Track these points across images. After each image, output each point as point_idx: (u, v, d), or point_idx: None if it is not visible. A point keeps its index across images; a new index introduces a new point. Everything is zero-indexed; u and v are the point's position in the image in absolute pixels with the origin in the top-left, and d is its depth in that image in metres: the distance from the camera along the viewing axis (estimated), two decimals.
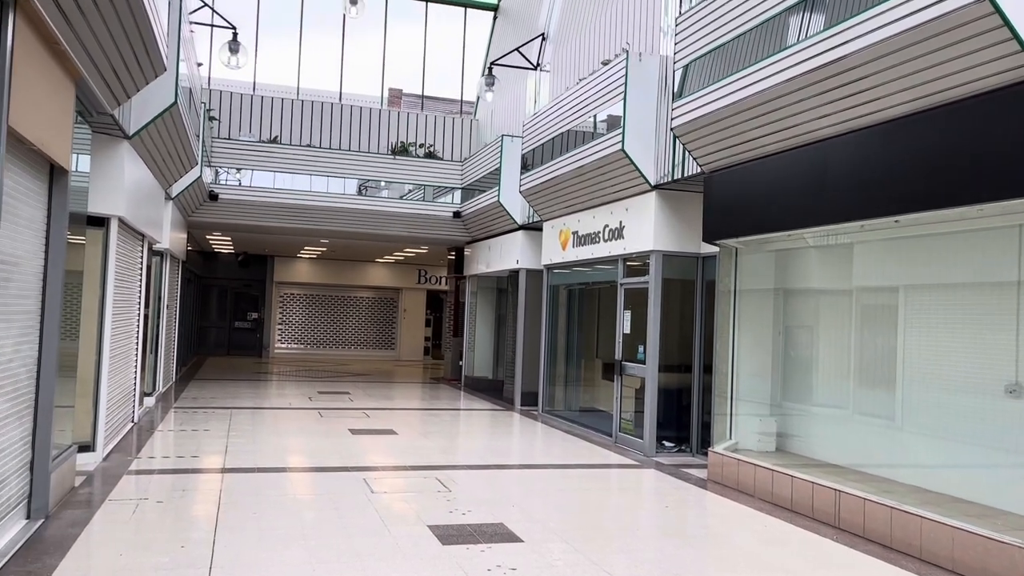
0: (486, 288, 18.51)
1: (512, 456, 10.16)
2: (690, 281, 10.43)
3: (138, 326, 10.43)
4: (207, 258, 26.06)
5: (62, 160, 5.80)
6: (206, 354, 25.63)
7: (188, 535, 5.71)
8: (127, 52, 6.23)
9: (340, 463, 8.65)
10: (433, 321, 28.67)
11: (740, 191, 8.26)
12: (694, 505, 7.63)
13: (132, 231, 9.42)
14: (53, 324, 5.95)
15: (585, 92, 11.31)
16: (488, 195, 15.81)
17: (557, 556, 5.58)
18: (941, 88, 5.72)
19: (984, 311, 6.67)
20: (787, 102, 7.07)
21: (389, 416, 12.80)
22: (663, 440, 10.24)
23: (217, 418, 11.60)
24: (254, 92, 18.72)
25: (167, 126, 8.96)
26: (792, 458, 8.45)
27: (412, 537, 5.88)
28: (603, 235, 11.43)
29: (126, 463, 8.16)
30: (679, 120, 8.66)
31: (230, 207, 16.68)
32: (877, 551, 6.08)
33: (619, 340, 11.00)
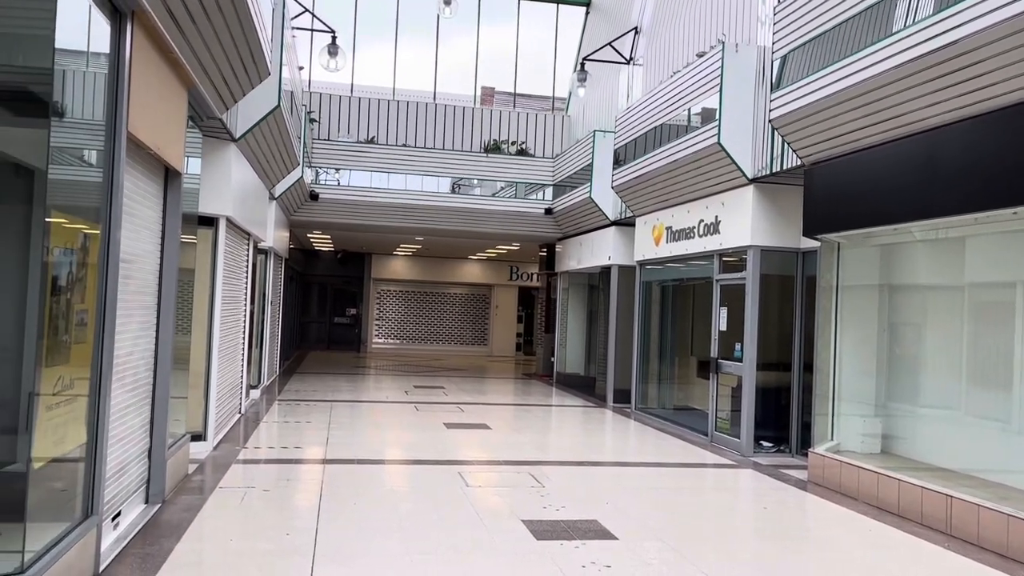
0: (578, 284, 18.47)
1: (605, 453, 10.12)
2: (789, 277, 10.14)
3: (244, 321, 10.88)
4: (308, 256, 26.93)
5: (176, 163, 6.11)
6: (307, 349, 26.51)
7: (292, 523, 5.92)
8: (235, 59, 6.51)
9: (436, 456, 8.81)
10: (525, 317, 28.82)
11: (843, 184, 7.98)
12: (794, 507, 7.43)
13: (239, 230, 9.84)
14: (168, 319, 6.28)
15: (680, 85, 11.14)
16: (580, 191, 15.77)
17: (652, 555, 5.54)
18: None
19: None
20: (894, 90, 6.79)
21: (482, 411, 12.94)
22: (761, 440, 10.00)
23: (318, 410, 11.98)
24: (352, 94, 19.22)
25: (271, 129, 9.31)
26: (898, 461, 8.12)
27: (506, 531, 5.94)
28: (698, 230, 11.23)
29: (234, 452, 8.53)
30: (778, 111, 8.43)
31: (329, 206, 17.19)
32: (993, 560, 5.78)
33: (715, 337, 10.80)
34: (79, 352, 4.43)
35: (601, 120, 17.22)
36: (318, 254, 27.32)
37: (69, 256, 4.27)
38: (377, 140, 18.52)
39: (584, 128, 18.43)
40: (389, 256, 27.20)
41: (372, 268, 27.26)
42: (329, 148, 17.32)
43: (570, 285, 18.49)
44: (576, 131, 19.39)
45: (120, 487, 5.43)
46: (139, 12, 4.80)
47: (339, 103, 18.77)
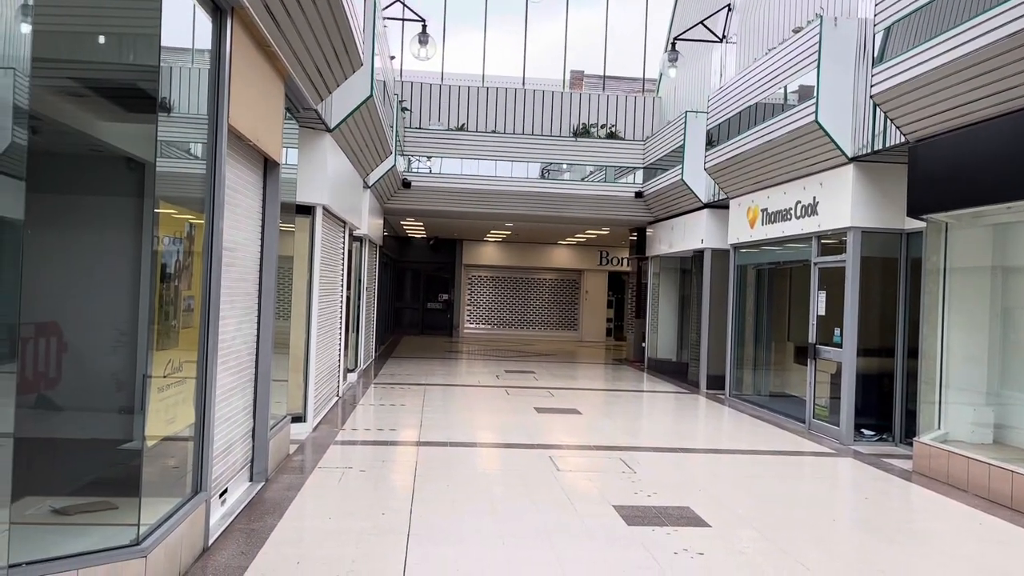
0: (669, 269, 18.21)
1: (697, 440, 9.97)
2: (892, 259, 9.72)
3: (341, 307, 11.19)
4: (401, 243, 27.46)
5: (274, 154, 6.32)
6: (401, 333, 27.07)
7: (388, 503, 6.08)
8: (328, 50, 6.67)
9: (526, 440, 8.88)
10: (615, 302, 28.62)
11: (950, 161, 7.58)
12: (897, 498, 7.15)
13: (334, 218, 10.10)
14: (269, 304, 6.52)
15: (775, 62, 10.79)
16: (671, 174, 15.51)
17: (746, 543, 5.43)
18: None
19: None
20: (1008, 60, 6.39)
21: (573, 396, 12.95)
22: (861, 428, 9.65)
23: (412, 394, 12.24)
24: (442, 82, 19.42)
25: (364, 118, 9.50)
26: (1013, 451, 7.71)
27: (597, 516, 5.94)
28: (795, 212, 10.89)
29: (333, 434, 8.81)
30: (880, 87, 8.06)
31: (421, 194, 17.46)
32: None
33: (813, 322, 10.47)
34: (187, 336, 4.65)
35: (693, 101, 16.87)
36: (411, 241, 27.82)
37: (176, 245, 4.48)
38: (467, 127, 18.68)
39: (675, 110, 18.09)
40: (480, 242, 27.46)
41: (463, 254, 27.58)
42: (420, 136, 17.57)
43: (661, 269, 18.25)
44: (667, 113, 19.05)
45: (226, 465, 5.69)
46: (238, 8, 4.97)
47: (430, 91, 19.00)
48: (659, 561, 4.97)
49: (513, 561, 4.88)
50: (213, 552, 4.84)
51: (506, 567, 4.77)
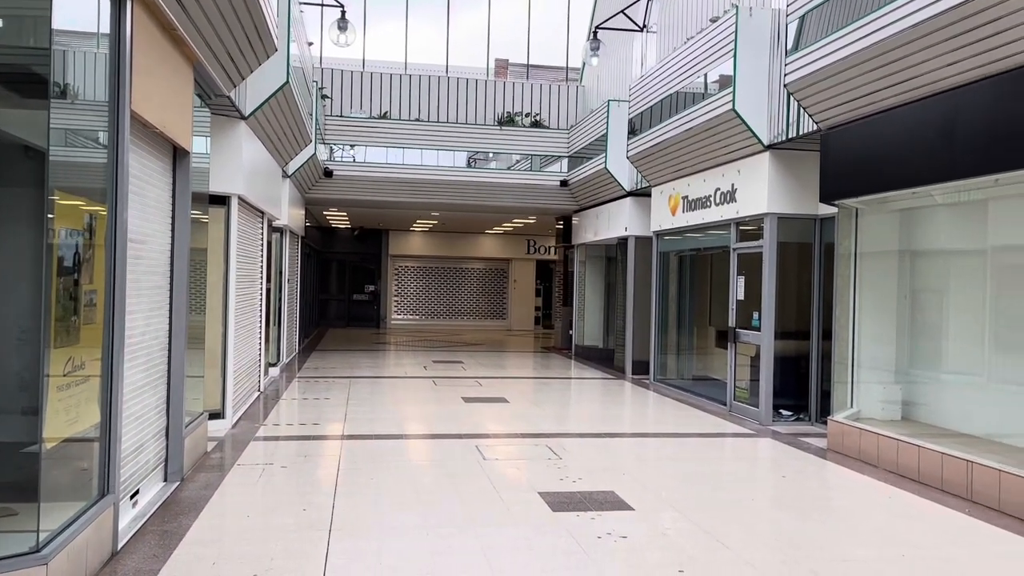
0: (595, 256, 18.38)
1: (623, 424, 10.10)
2: (807, 244, 10.01)
3: (261, 300, 10.92)
4: (325, 233, 27.00)
5: (184, 142, 6.09)
6: (327, 326, 26.66)
7: (310, 499, 5.96)
8: (240, 34, 6.46)
9: (453, 430, 8.83)
10: (543, 291, 28.78)
11: (860, 148, 7.82)
12: (813, 475, 7.38)
13: (252, 208, 9.84)
14: (181, 298, 6.30)
15: (693, 51, 10.95)
16: (595, 162, 15.63)
17: (669, 525, 5.52)
18: None
19: None
20: (912, 50, 6.62)
21: (501, 385, 12.96)
22: (780, 408, 9.93)
23: (337, 387, 12.05)
24: (364, 69, 19.11)
25: (281, 105, 9.26)
26: (919, 427, 8.04)
27: (523, 503, 5.94)
28: (714, 199, 11.10)
29: (253, 430, 8.60)
30: (793, 76, 8.26)
31: (344, 183, 17.17)
32: (1014, 525, 5.71)
33: (732, 307, 10.71)
34: (90, 333, 4.44)
35: (615, 90, 17.02)
36: (335, 231, 27.37)
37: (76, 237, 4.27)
38: (390, 115, 18.44)
39: (599, 98, 18.22)
40: (406, 232, 27.21)
41: (389, 244, 27.30)
42: (342, 124, 17.27)
43: (587, 257, 18.41)
44: (591, 101, 19.18)
45: (137, 466, 5.48)
46: None
47: (351, 79, 18.68)
48: (583, 546, 5.00)
49: (437, 552, 4.84)
50: (123, 556, 4.66)
51: (430, 558, 4.73)
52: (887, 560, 4.91)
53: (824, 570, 4.70)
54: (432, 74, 19.16)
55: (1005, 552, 5.17)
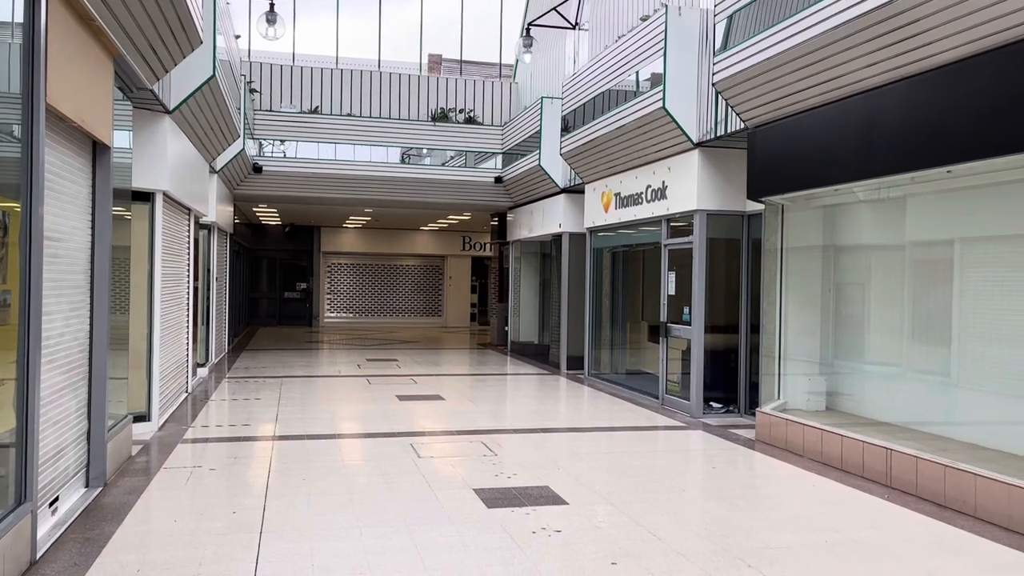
0: (530, 253, 18.46)
1: (558, 420, 10.17)
2: (735, 240, 10.24)
3: (188, 298, 10.64)
4: (255, 230, 26.45)
5: (103, 136, 5.88)
6: (258, 325, 26.14)
7: (240, 501, 5.84)
8: (162, 26, 6.27)
9: (388, 429, 8.77)
10: (479, 287, 28.78)
11: (785, 146, 8.04)
12: (742, 466, 7.56)
13: (178, 205, 9.57)
14: (102, 298, 6.09)
15: (624, 50, 11.08)
16: (529, 159, 15.69)
17: (602, 518, 5.58)
18: (995, 30, 5.45)
19: None
20: (833, 51, 6.83)
21: (436, 382, 12.91)
22: (710, 401, 10.15)
23: (268, 387, 11.83)
24: (294, 63, 18.78)
25: (207, 99, 9.03)
26: (842, 417, 8.31)
27: (458, 501, 5.94)
28: (646, 196, 11.26)
29: (180, 432, 8.38)
30: (721, 75, 8.44)
31: (274, 179, 16.85)
32: (929, 509, 5.96)
33: (664, 302, 10.89)
34: (4, 335, 4.26)
35: (549, 87, 17.11)
36: (265, 228, 26.84)
37: None
38: (321, 110, 18.17)
39: (532, 95, 18.30)
40: (339, 229, 26.86)
41: (322, 241, 26.91)
42: (272, 119, 16.93)
43: (522, 254, 18.47)
44: (524, 98, 19.24)
45: (57, 471, 5.28)
46: None
47: (281, 73, 18.33)
48: (517, 541, 5.02)
49: (370, 551, 4.80)
50: (42, 565, 4.48)
51: (363, 558, 4.68)
52: (810, 545, 5.07)
53: (751, 557, 4.82)
54: (364, 69, 18.95)
55: (920, 534, 5.39)
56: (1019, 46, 5.35)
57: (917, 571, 4.67)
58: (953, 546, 5.16)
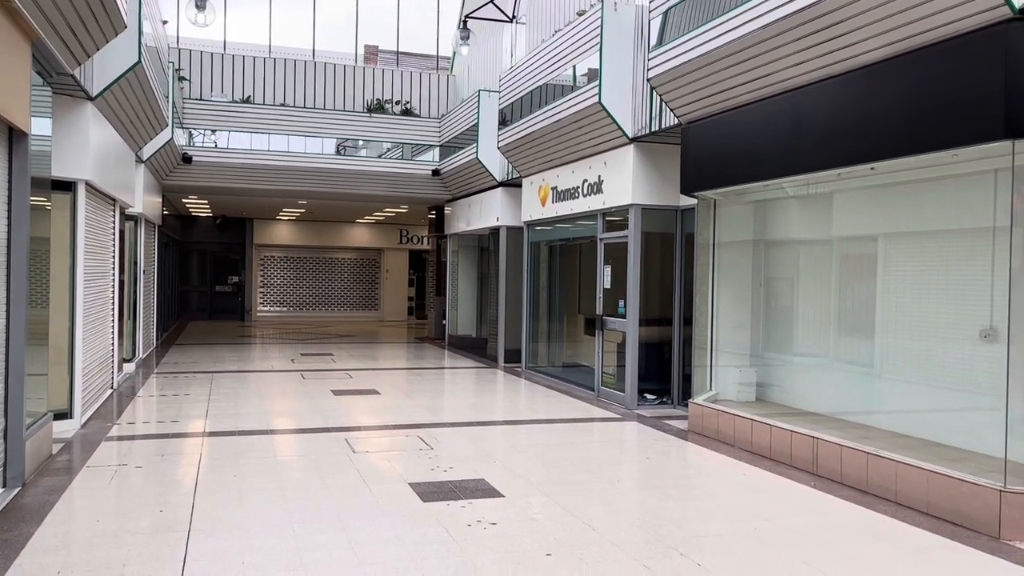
0: (468, 246, 18.42)
1: (495, 413, 10.18)
2: (670, 234, 10.39)
3: (114, 292, 10.30)
4: (185, 222, 25.77)
5: (20, 123, 5.64)
6: (188, 319, 25.48)
7: (167, 499, 5.68)
8: (84, 9, 6.03)
9: (322, 424, 8.64)
10: (416, 281, 28.60)
11: (717, 142, 8.18)
12: (675, 456, 7.69)
13: (101, 195, 9.25)
14: (20, 290, 5.84)
15: (561, 44, 11.13)
16: (466, 152, 15.64)
17: (537, 510, 5.61)
18: (916, 32, 5.63)
19: (960, 257, 6.68)
20: (763, 49, 6.97)
21: (372, 376, 12.79)
22: (644, 393, 10.29)
23: (198, 382, 11.54)
24: (225, 51, 18.32)
25: (132, 86, 8.74)
26: (772, 407, 8.52)
27: (393, 495, 5.89)
28: (582, 190, 11.34)
29: (105, 429, 8.11)
30: (655, 70, 8.54)
31: (205, 169, 16.43)
32: (853, 495, 6.15)
33: (600, 295, 10.99)
34: None
35: (486, 80, 17.06)
36: (196, 220, 26.16)
37: None
38: (254, 100, 17.76)
39: (469, 88, 18.22)
40: (272, 221, 26.34)
41: (254, 233, 26.36)
42: (202, 108, 16.50)
43: (460, 247, 18.42)
44: (462, 91, 19.15)
45: None
46: None
47: (211, 61, 17.86)
48: (453, 535, 5.01)
49: (303, 548, 4.72)
50: None
51: (295, 555, 4.61)
52: (740, 533, 5.18)
53: (683, 546, 4.90)
54: (298, 58, 18.59)
55: (844, 520, 5.56)
56: (940, 47, 5.55)
57: (840, 556, 4.82)
58: (875, 531, 5.34)
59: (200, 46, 18.02)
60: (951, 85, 5.45)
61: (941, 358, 6.86)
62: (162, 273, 18.00)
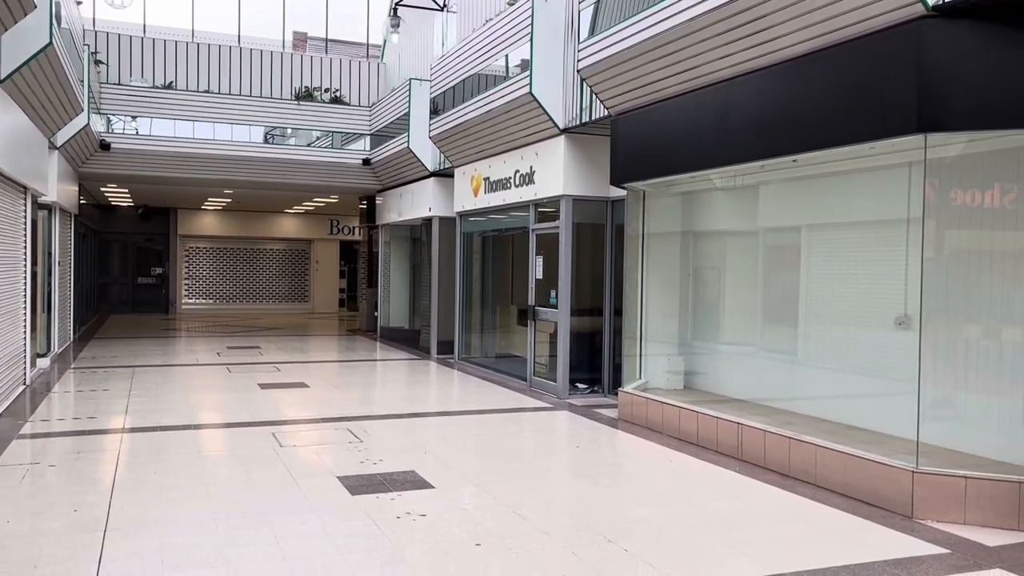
0: (400, 237, 18.25)
1: (427, 404, 10.12)
2: (600, 225, 10.46)
3: (25, 284, 9.86)
4: (104, 211, 24.85)
5: None
6: (108, 312, 24.61)
7: (83, 498, 5.47)
8: None
9: (248, 419, 8.45)
10: (347, 272, 28.22)
11: (646, 134, 8.27)
12: (605, 444, 7.77)
13: (10, 182, 8.83)
14: None
15: (492, 34, 11.08)
16: (398, 141, 15.47)
17: (468, 500, 5.59)
18: (835, 28, 5.78)
19: (877, 248, 6.91)
20: (689, 42, 7.06)
21: (301, 369, 12.57)
22: (576, 382, 10.37)
23: (118, 377, 11.16)
24: (145, 35, 17.69)
25: (44, 69, 8.36)
26: (699, 395, 8.68)
27: (320, 489, 5.79)
28: (514, 180, 11.33)
29: (16, 427, 7.77)
30: (585, 62, 8.57)
31: (125, 157, 15.86)
32: (776, 479, 6.31)
33: (532, 286, 11.01)
34: None
35: (418, 68, 16.90)
36: (116, 209, 25.24)
37: None
38: (176, 86, 17.22)
39: (401, 76, 18.02)
40: (197, 211, 25.62)
41: (178, 224, 25.59)
42: (121, 93, 15.91)
43: (392, 238, 18.23)
44: (393, 79, 18.93)
45: None
46: None
47: (130, 45, 17.22)
48: (381, 527, 4.95)
49: (227, 544, 4.60)
50: None
51: (218, 552, 4.49)
52: (667, 518, 5.26)
53: (611, 532, 4.95)
54: (223, 44, 18.09)
55: (766, 503, 5.70)
56: (858, 43, 5.70)
57: (761, 538, 4.94)
58: (796, 513, 5.49)
59: (118, 29, 17.37)
60: (868, 80, 5.62)
61: (859, 345, 7.09)
62: (79, 265, 17.33)
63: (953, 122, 5.23)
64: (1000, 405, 5.82)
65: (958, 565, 4.52)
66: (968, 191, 5.85)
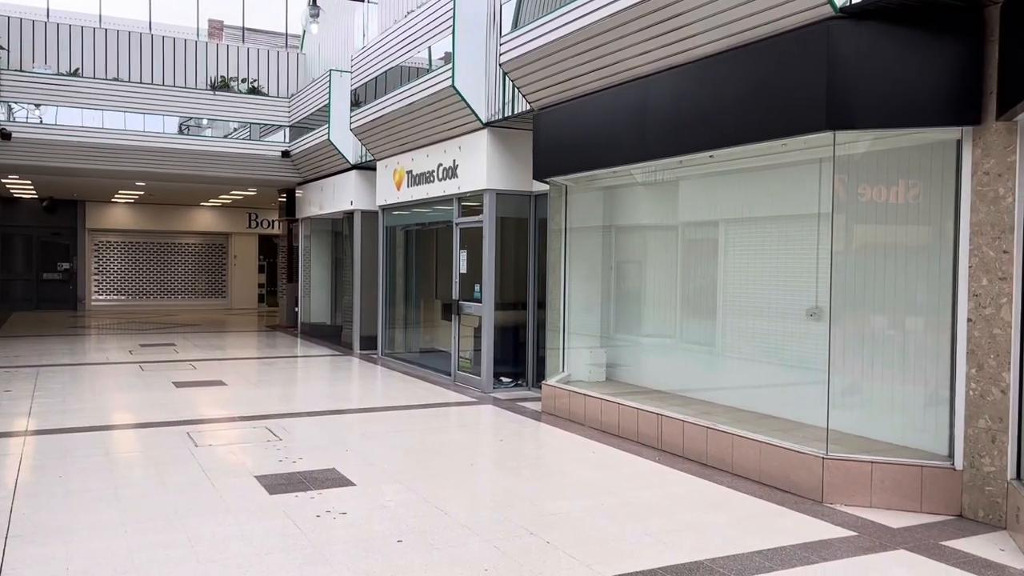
0: (321, 231, 17.93)
1: (349, 401, 9.99)
2: (524, 219, 10.50)
3: None
4: (5, 204, 23.66)
5: None
6: (10, 309, 23.45)
7: None
8: None
9: (162, 418, 8.18)
10: (267, 267, 27.60)
11: (568, 129, 8.32)
12: (528, 437, 7.80)
13: None
14: None
15: (414, 26, 10.97)
16: (318, 133, 15.19)
17: (390, 497, 5.53)
18: (748, 27, 5.93)
19: (789, 241, 7.13)
20: (609, 38, 7.13)
21: (218, 367, 12.23)
22: (500, 376, 10.38)
23: (21, 378, 10.64)
24: (48, 19, 16.88)
25: None
26: (621, 387, 8.80)
27: (237, 489, 5.65)
28: (437, 174, 11.26)
29: None
30: (507, 56, 8.57)
31: (28, 147, 15.11)
32: (694, 468, 6.46)
33: (456, 280, 10.97)
34: None
35: (338, 59, 16.60)
36: (18, 202, 24.05)
37: None
38: (83, 73, 16.49)
39: (321, 67, 17.68)
40: (107, 204, 24.62)
41: (87, 217, 24.55)
42: (23, 80, 15.14)
43: (312, 232, 17.91)
44: (313, 70, 18.55)
45: None
46: None
47: (33, 29, 16.40)
48: (300, 526, 4.86)
49: (137, 549, 4.44)
50: None
51: (128, 557, 4.32)
52: (588, 509, 5.32)
53: (533, 525, 4.98)
54: (134, 30, 17.41)
55: (685, 492, 5.83)
56: (770, 42, 5.86)
57: (680, 525, 5.04)
58: (713, 501, 5.63)
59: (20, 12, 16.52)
60: (779, 79, 5.78)
61: (774, 336, 7.31)
62: None
63: (860, 120, 5.42)
64: (904, 392, 6.08)
65: (865, 547, 4.71)
66: (875, 187, 6.08)
